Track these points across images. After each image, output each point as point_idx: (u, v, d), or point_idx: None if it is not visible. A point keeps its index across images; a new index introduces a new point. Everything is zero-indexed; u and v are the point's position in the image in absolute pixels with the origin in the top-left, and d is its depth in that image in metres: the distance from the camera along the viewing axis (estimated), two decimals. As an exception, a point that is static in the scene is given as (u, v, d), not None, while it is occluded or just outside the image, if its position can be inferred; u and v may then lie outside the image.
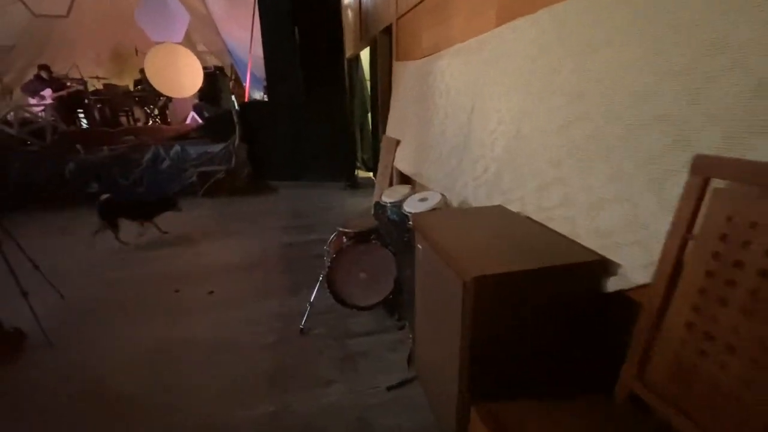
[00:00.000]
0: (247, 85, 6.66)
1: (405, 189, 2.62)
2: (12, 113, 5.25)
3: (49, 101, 6.89)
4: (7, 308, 2.34)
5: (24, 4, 5.98)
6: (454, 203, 2.31)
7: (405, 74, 3.72)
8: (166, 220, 4.36)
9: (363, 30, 6.17)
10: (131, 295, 2.83)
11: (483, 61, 2.20)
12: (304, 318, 2.34)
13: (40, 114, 5.54)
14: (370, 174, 6.89)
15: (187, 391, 1.90)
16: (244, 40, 6.90)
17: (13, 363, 2.13)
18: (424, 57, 3.23)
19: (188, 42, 8.62)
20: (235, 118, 5.86)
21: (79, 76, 8.11)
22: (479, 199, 2.08)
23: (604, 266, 1.18)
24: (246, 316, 2.50)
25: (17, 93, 7.68)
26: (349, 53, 6.52)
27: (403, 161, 3.65)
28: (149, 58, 6.61)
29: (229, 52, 7.17)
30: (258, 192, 5.85)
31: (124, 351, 2.21)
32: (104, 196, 3.64)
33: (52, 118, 6.86)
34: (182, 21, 6.43)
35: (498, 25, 2.10)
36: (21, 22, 7.74)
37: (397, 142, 3.85)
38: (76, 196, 5.34)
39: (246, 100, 6.83)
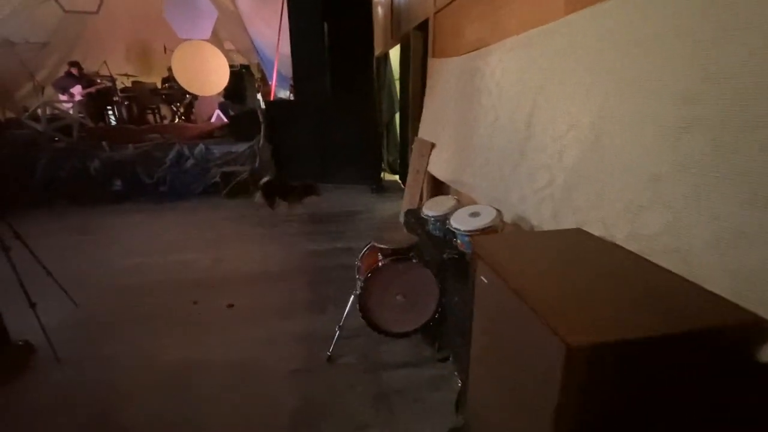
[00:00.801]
0: (273, 83, 6.51)
1: (449, 201, 2.32)
2: (40, 109, 5.23)
3: (78, 98, 6.93)
4: (18, 318, 2.18)
5: (56, 1, 5.98)
6: (508, 218, 2.00)
7: (443, 72, 3.42)
8: (188, 221, 4.22)
9: (394, 27, 5.90)
10: (148, 306, 2.65)
11: (548, 55, 1.88)
12: (333, 344, 2.08)
13: (68, 110, 5.50)
14: (396, 177, 6.62)
15: (199, 427, 1.67)
16: (271, 37, 6.75)
17: (17, 381, 1.95)
18: (468, 53, 2.92)
19: (215, 39, 8.58)
20: (261, 117, 5.70)
21: (108, 74, 8.17)
22: (543, 216, 1.77)
23: (761, 328, 0.87)
24: (267, 336, 2.26)
25: (49, 89, 7.78)
26: (377, 51, 6.26)
27: (438, 166, 3.35)
28: (176, 55, 6.54)
29: (256, 50, 7.04)
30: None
31: (136, 373, 2.00)
32: (264, 179, 4.64)
33: (81, 115, 6.90)
34: (210, 17, 6.34)
35: (569, 12, 1.78)
36: (54, 19, 7.85)
37: (432, 146, 3.56)
38: (100, 194, 5.28)
39: (272, 98, 6.67)
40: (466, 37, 3.04)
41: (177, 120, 7.95)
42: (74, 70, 6.93)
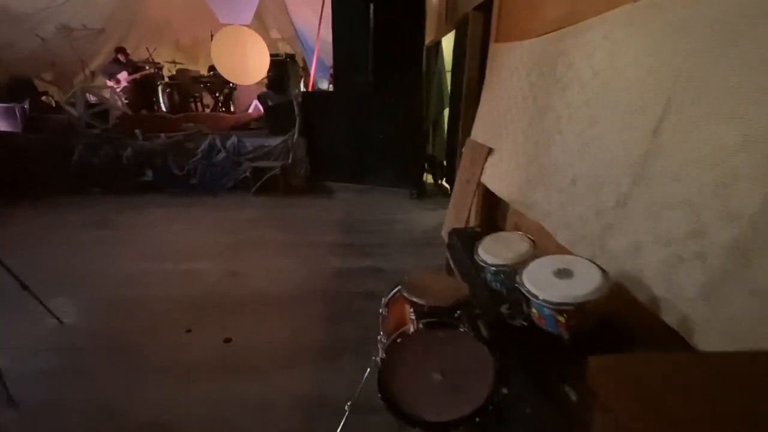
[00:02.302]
0: (312, 72, 6.06)
1: (520, 242, 1.64)
2: (77, 94, 5.13)
3: (123, 84, 6.91)
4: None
5: (102, -17, 5.88)
6: (621, 279, 1.30)
7: (509, 60, 2.72)
8: (210, 221, 3.88)
9: (449, 10, 5.20)
10: (136, 329, 2.25)
11: (700, 28, 1.17)
12: (340, 426, 1.52)
13: (105, 96, 5.39)
14: (442, 181, 5.95)
15: None
16: (315, 23, 6.29)
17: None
18: (547, 33, 2.22)
19: (261, 27, 8.30)
20: (296, 110, 5.26)
21: (157, 61, 8.16)
22: (682, 289, 1.08)
23: None
24: (261, 396, 1.75)
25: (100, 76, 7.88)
26: (428, 39, 5.59)
27: (497, 179, 2.67)
28: (215, 42, 6.28)
29: (299, 37, 6.63)
30: (313, 193, 5.20)
31: (99, 428, 1.57)
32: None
33: (125, 100, 6.87)
34: (252, 1, 5.97)
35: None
36: (109, 6, 7.94)
37: (489, 151, 2.88)
38: (130, 184, 5.12)
39: (310, 89, 6.23)
40: (547, 12, 2.32)
41: (218, 109, 7.77)
42: (121, 56, 6.91)
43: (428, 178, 5.84)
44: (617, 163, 1.46)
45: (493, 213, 3.19)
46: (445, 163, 6.21)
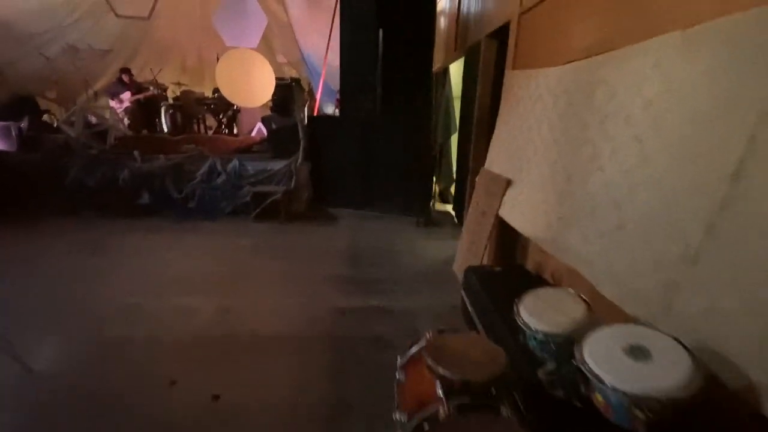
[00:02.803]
0: (318, 95, 5.96)
1: (574, 304, 1.34)
2: (75, 114, 5.00)
3: (126, 104, 6.82)
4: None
5: (109, 4, 5.87)
6: (697, 353, 1.06)
7: (530, 87, 2.56)
8: (206, 248, 3.64)
9: (459, 37, 5.14)
10: (113, 379, 1.97)
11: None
12: None
13: (105, 116, 5.26)
14: (448, 207, 5.75)
15: None
16: (321, 47, 6.25)
17: None
18: (574, 61, 2.05)
19: (268, 51, 8.29)
20: (301, 134, 5.11)
21: (162, 82, 8.12)
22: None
23: None
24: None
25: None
26: (436, 66, 5.51)
27: (518, 214, 2.45)
28: (220, 64, 6.22)
29: (305, 61, 6.58)
30: (316, 220, 4.98)
31: None
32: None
33: (128, 121, 6.76)
34: (259, 24, 5.96)
35: None
36: (116, 27, 7.97)
37: (507, 183, 2.68)
38: (126, 206, 4.90)
39: (316, 113, 6.12)
40: (571, 41, 2.17)
41: (221, 131, 7.66)
42: (125, 77, 6.85)
43: (435, 205, 5.64)
44: (681, 209, 1.24)
45: (511, 249, 2.96)
46: (452, 190, 6.05)
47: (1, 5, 6.83)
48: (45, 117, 7.39)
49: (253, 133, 6.75)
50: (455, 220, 5.15)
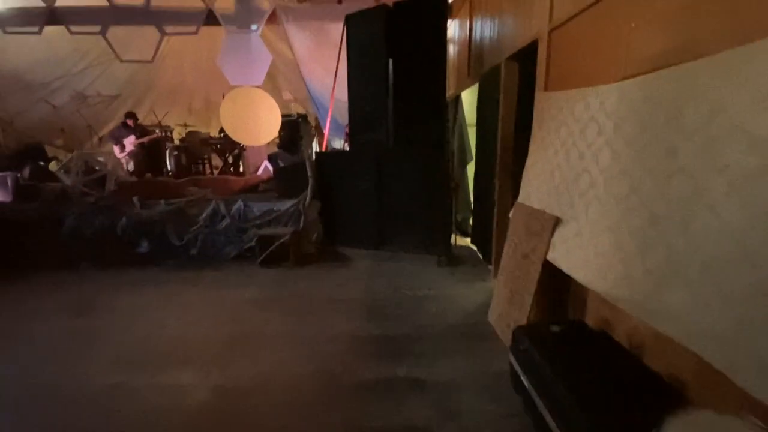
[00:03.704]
0: (326, 131, 5.71)
1: None
2: (73, 161, 4.78)
3: (130, 148, 6.67)
4: None
5: (112, 50, 5.82)
6: None
7: (576, 109, 2.18)
8: (205, 304, 3.23)
9: (471, 64, 4.90)
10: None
11: None
12: None
13: (103, 162, 5.03)
14: (467, 241, 5.31)
15: None
16: (327, 81, 6.08)
17: None
18: (639, 75, 1.68)
19: (274, 89, 8.23)
20: (309, 171, 4.80)
21: (167, 124, 8.04)
22: None
23: None
24: None
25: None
26: (448, 93, 5.26)
27: (576, 260, 2.01)
28: (225, 104, 6.06)
29: (311, 96, 6.41)
30: (327, 262, 4.57)
31: None
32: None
33: (131, 166, 6.58)
34: (263, 63, 5.82)
35: None
36: (124, 73, 7.99)
37: (554, 221, 2.25)
38: (124, 256, 4.57)
39: (323, 148, 5.85)
40: (629, 50, 1.81)
41: (227, 171, 7.44)
42: (129, 122, 6.74)
43: (455, 239, 5.21)
44: None
45: (561, 298, 2.49)
46: (470, 222, 5.63)
47: (12, 56, 6.89)
48: (53, 164, 7.29)
49: (260, 172, 6.49)
50: (479, 255, 4.70)
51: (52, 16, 5.44)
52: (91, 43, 6.77)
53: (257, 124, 6.08)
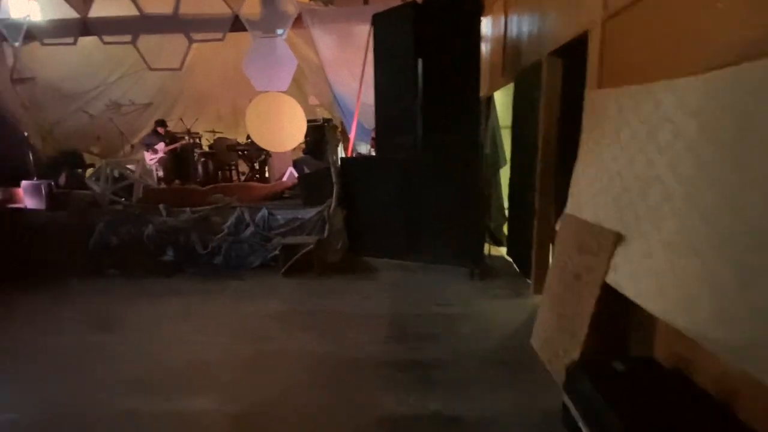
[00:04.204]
0: (351, 136, 5.54)
1: None
2: (102, 170, 4.81)
3: (161, 154, 6.75)
4: None
5: (143, 58, 5.89)
6: None
7: (644, 108, 1.87)
8: (227, 317, 3.08)
9: (506, 62, 4.60)
10: None
11: None
12: None
13: (132, 169, 5.06)
14: (502, 250, 4.98)
15: None
16: (353, 85, 5.92)
17: None
18: (731, 65, 1.37)
19: (300, 94, 8.17)
20: (334, 177, 4.63)
21: (196, 131, 8.13)
22: None
23: None
24: None
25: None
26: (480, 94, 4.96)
27: (647, 287, 1.69)
28: (250, 109, 6.01)
29: (336, 100, 6.27)
30: (352, 273, 4.37)
31: None
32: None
33: (161, 172, 6.65)
34: (289, 67, 5.72)
35: None
36: (156, 81, 8.17)
37: (615, 238, 1.94)
38: (150, 264, 4.54)
39: (349, 153, 5.68)
40: (711, 38, 1.50)
41: (253, 177, 7.42)
42: (160, 129, 6.84)
43: (489, 247, 4.89)
44: None
45: (621, 328, 2.16)
46: (504, 229, 5.30)
47: (51, 67, 7.17)
48: (90, 171, 7.50)
49: (285, 178, 6.40)
50: (515, 267, 4.37)
51: (85, 27, 5.55)
52: (124, 54, 6.93)
53: (282, 129, 6.00)
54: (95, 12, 5.62)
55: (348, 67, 5.98)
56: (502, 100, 5.30)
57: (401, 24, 4.01)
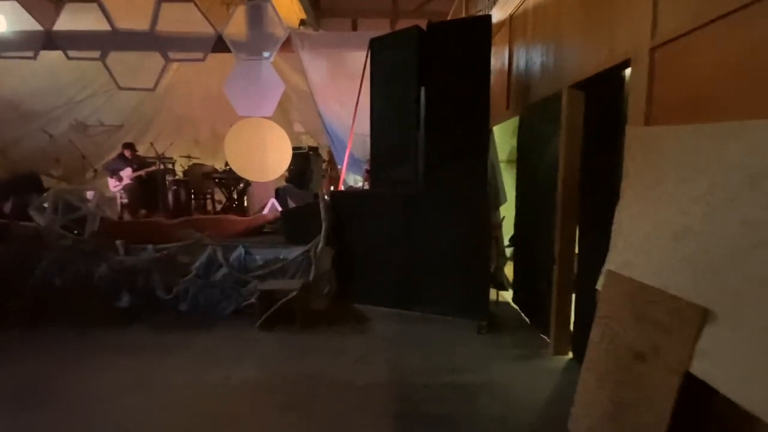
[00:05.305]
0: (343, 168, 5.09)
1: None
2: (50, 199, 4.15)
3: (126, 181, 6.09)
4: None
5: (111, 76, 5.36)
6: None
7: (728, 153, 1.49)
8: (185, 389, 2.43)
9: (511, 95, 4.34)
10: None
11: None
12: None
13: (86, 199, 4.40)
14: (505, 295, 4.52)
15: None
16: (343, 116, 5.55)
17: None
18: None
19: (285, 121, 7.76)
20: (323, 213, 4.13)
21: (170, 156, 7.53)
22: None
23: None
24: None
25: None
26: (482, 128, 4.65)
27: (761, 386, 1.24)
28: (230, 136, 5.51)
29: (325, 129, 5.85)
30: (341, 325, 3.78)
31: None
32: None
33: (125, 200, 5.98)
34: (275, 92, 5.30)
35: None
36: (130, 102, 7.59)
37: (702, 315, 1.50)
38: (101, 311, 3.84)
39: (340, 187, 5.22)
40: None
41: (230, 208, 6.80)
42: (127, 152, 6.22)
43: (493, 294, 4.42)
44: None
45: (701, 421, 1.69)
46: (503, 270, 4.88)
47: (12, 83, 6.52)
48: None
49: (266, 210, 5.84)
50: (523, 317, 3.92)
51: (49, 40, 5.01)
52: (96, 71, 6.38)
53: (265, 158, 5.49)
54: (63, 25, 5.10)
55: (338, 95, 5.62)
56: (498, 133, 5.04)
57: (403, 49, 3.68)
